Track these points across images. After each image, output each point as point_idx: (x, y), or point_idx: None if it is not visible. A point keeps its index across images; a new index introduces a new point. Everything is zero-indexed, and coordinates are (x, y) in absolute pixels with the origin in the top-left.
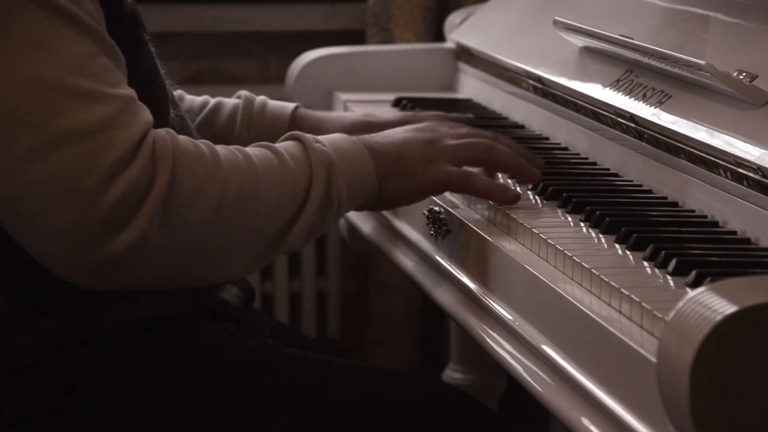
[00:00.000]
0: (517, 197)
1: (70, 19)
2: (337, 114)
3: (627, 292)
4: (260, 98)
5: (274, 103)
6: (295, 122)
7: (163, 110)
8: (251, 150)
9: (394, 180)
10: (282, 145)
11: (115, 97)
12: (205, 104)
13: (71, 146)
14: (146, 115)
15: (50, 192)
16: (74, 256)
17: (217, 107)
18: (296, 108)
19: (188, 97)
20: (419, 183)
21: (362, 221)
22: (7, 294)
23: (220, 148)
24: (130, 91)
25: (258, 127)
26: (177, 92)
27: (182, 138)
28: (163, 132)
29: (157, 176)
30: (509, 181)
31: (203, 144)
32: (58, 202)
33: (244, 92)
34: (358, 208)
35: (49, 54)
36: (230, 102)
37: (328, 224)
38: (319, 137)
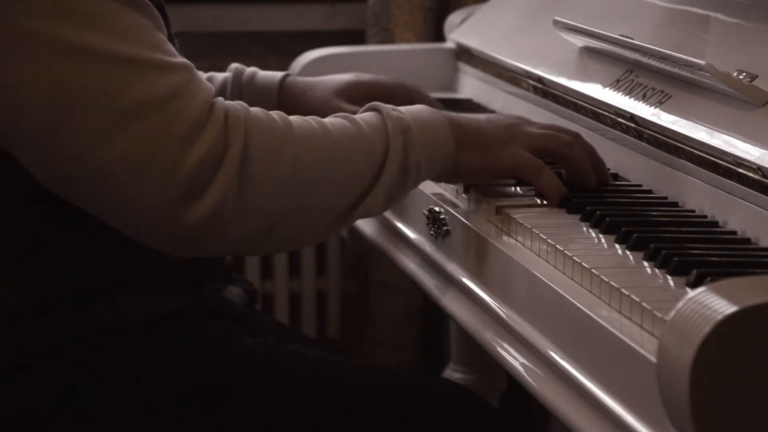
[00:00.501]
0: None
1: None
2: (327, 77)
3: (627, 292)
4: (250, 69)
5: (263, 73)
6: (283, 90)
7: None
8: (327, 119)
9: (471, 153)
10: (359, 115)
11: (178, 66)
12: None
13: (146, 117)
14: (208, 84)
15: (131, 163)
16: (158, 224)
17: (208, 80)
18: (285, 76)
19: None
20: (491, 161)
21: (362, 221)
22: (7, 293)
23: (293, 118)
24: (188, 62)
25: (248, 97)
26: None
27: (254, 108)
28: (234, 103)
29: (230, 144)
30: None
31: (276, 114)
32: (139, 173)
33: (234, 65)
34: (436, 177)
35: (112, 30)
36: (221, 75)
37: (407, 191)
38: (399, 107)
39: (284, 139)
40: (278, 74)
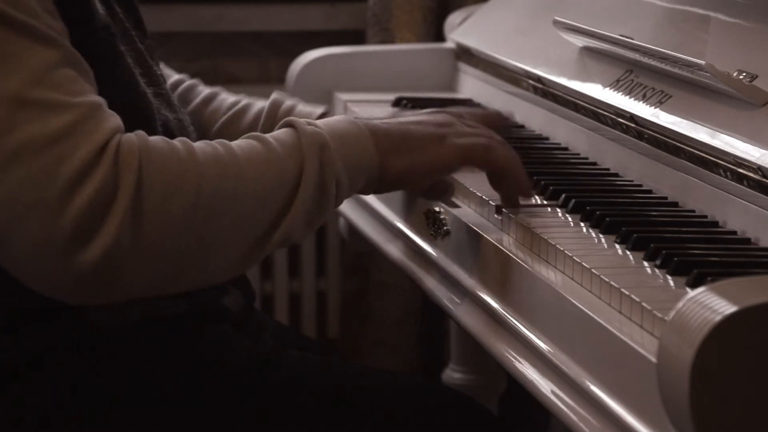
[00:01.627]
0: (531, 189)
1: (29, 31)
2: (366, 111)
3: (627, 292)
4: (289, 102)
5: (301, 108)
6: None
7: (148, 117)
8: (236, 142)
9: (401, 156)
10: (272, 134)
11: (77, 105)
12: (234, 104)
13: (31, 158)
14: (113, 120)
15: (14, 207)
16: (48, 271)
17: (244, 108)
18: (324, 113)
19: (221, 96)
20: (431, 159)
21: (362, 221)
22: (5, 297)
23: (198, 143)
24: (97, 99)
25: None
26: (190, 82)
27: (154, 138)
28: (130, 135)
29: (122, 180)
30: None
31: (179, 141)
32: (24, 217)
33: (275, 94)
34: (362, 191)
35: (7, 67)
36: (258, 104)
37: (329, 210)
38: (316, 120)
39: (184, 169)
40: (316, 111)
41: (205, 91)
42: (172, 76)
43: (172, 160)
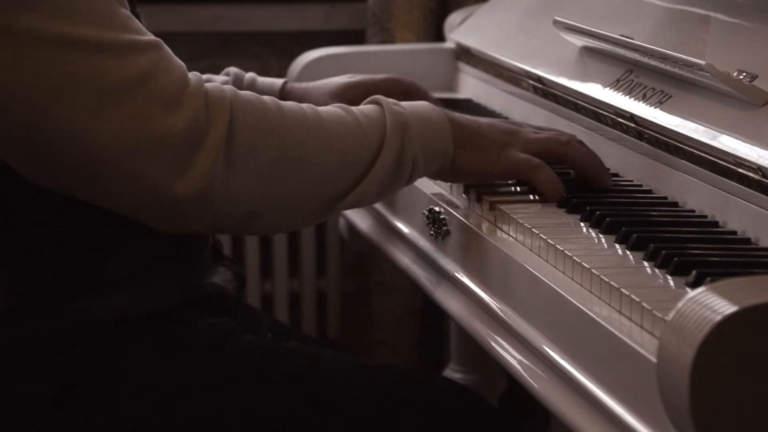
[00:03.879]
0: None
1: None
2: (323, 81)
3: (627, 292)
4: (249, 75)
5: (263, 80)
6: (283, 97)
7: None
8: (323, 108)
9: (469, 153)
10: (359, 108)
11: (148, 45)
12: None
13: (124, 99)
14: (178, 60)
15: (118, 145)
16: (150, 201)
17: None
18: (285, 83)
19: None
20: (490, 164)
21: (362, 220)
22: (1, 292)
23: (286, 103)
24: (157, 38)
25: None
26: None
27: (244, 91)
28: (221, 85)
29: (213, 122)
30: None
31: (268, 98)
32: (128, 153)
33: (232, 69)
34: (433, 175)
35: (81, 16)
36: (219, 79)
37: (401, 185)
38: (401, 102)
39: (272, 122)
40: (278, 81)
41: None
42: None
43: (262, 112)
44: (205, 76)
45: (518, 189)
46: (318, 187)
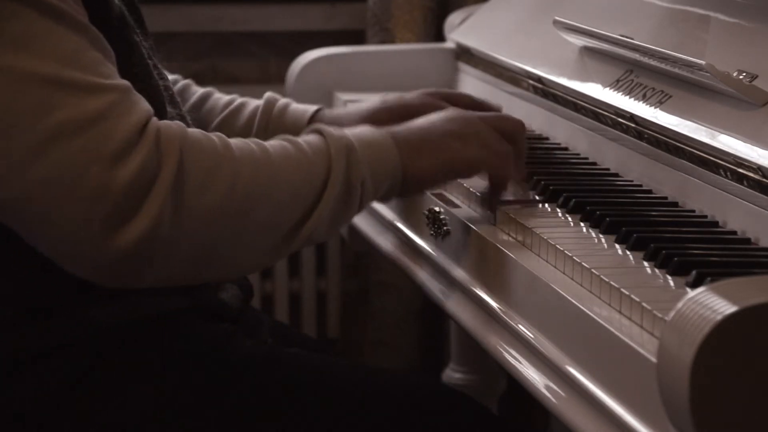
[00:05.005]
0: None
1: (58, 16)
2: (355, 106)
3: (627, 292)
4: (283, 101)
5: (295, 107)
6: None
7: (160, 110)
8: (268, 141)
9: (423, 158)
10: (301, 137)
11: (110, 87)
12: (229, 103)
13: (70, 139)
14: (144, 104)
15: (56, 187)
16: (89, 250)
17: (239, 107)
18: (318, 110)
19: (215, 95)
20: (451, 157)
21: (362, 221)
22: (5, 295)
23: (233, 140)
24: (125, 82)
25: (275, 130)
26: (184, 82)
27: (192, 129)
28: (170, 122)
29: (163, 163)
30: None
31: (215, 135)
32: (66, 197)
33: (269, 94)
34: (385, 196)
35: (40, 50)
36: (253, 103)
37: (353, 213)
38: (341, 128)
39: (221, 161)
40: (310, 109)
41: (199, 91)
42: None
43: (211, 151)
44: (242, 100)
45: (518, 189)
46: (270, 224)
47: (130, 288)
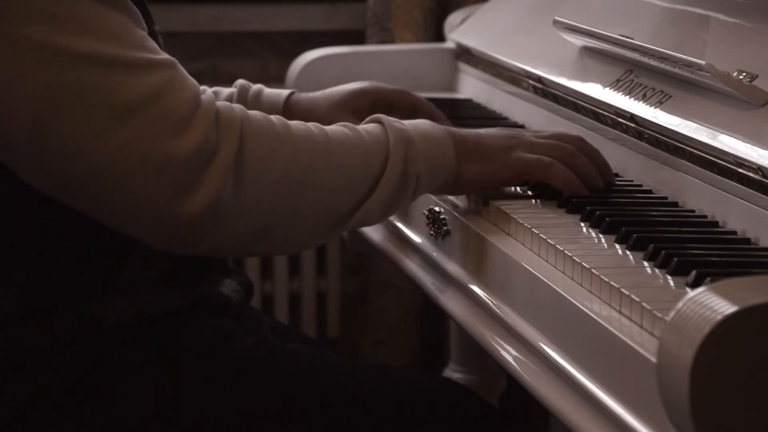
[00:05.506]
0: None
1: None
2: (331, 89)
3: (627, 292)
4: (256, 86)
5: (269, 91)
6: (288, 107)
7: None
8: (328, 127)
9: (474, 162)
10: (361, 125)
11: (161, 63)
12: (202, 92)
13: (135, 117)
14: (192, 79)
15: (125, 163)
16: (154, 219)
17: (214, 95)
18: (291, 94)
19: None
20: (498, 169)
21: None
22: (4, 294)
23: (293, 122)
24: (171, 57)
25: None
26: None
27: (253, 111)
28: (230, 104)
29: (223, 141)
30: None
31: (275, 117)
32: (134, 172)
33: (240, 81)
34: (437, 190)
35: (96, 32)
36: (226, 91)
37: (406, 204)
38: (402, 120)
39: (281, 142)
40: (284, 92)
41: None
42: None
43: (271, 131)
44: (213, 89)
45: (518, 189)
46: (325, 207)
47: (187, 253)
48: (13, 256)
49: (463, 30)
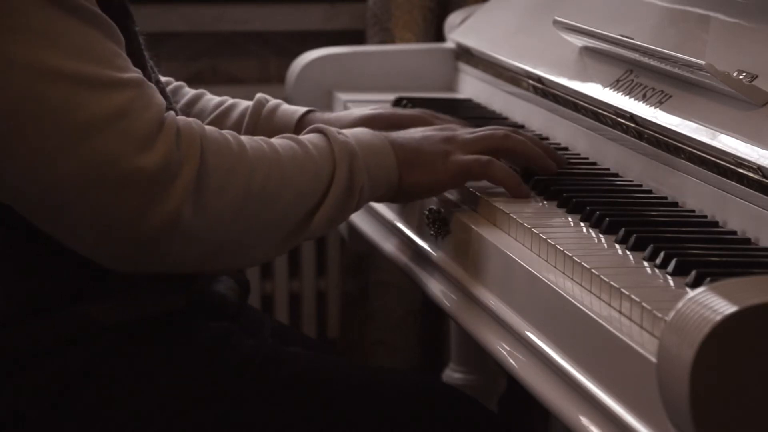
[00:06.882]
0: (528, 194)
1: (74, 9)
2: (345, 112)
3: (627, 292)
4: (273, 102)
5: (285, 108)
6: (301, 126)
7: None
8: (275, 140)
9: (415, 171)
10: (305, 137)
11: (127, 81)
12: (219, 104)
13: (97, 135)
14: (158, 96)
15: (83, 181)
16: (113, 238)
17: (229, 108)
18: (307, 112)
19: (207, 96)
20: (439, 176)
21: (362, 221)
22: (4, 294)
23: (245, 138)
24: (139, 75)
25: (263, 132)
26: (177, 83)
27: (209, 127)
28: (188, 119)
29: (186, 160)
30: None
31: (228, 134)
32: (95, 187)
33: (260, 95)
34: (379, 198)
35: (61, 46)
36: (243, 104)
37: (350, 213)
38: (342, 130)
39: (238, 159)
40: (299, 110)
41: (191, 92)
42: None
43: (228, 152)
44: (233, 101)
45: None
46: (278, 220)
47: (143, 272)
48: (12, 256)
49: (463, 30)
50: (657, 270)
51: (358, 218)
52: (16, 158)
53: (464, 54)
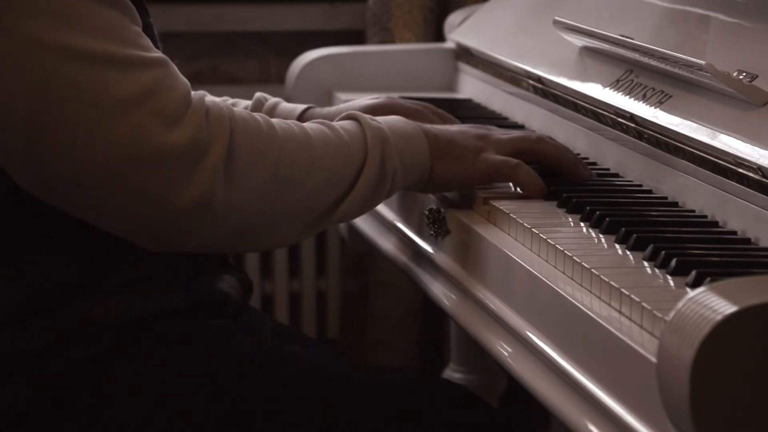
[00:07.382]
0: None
1: None
2: (345, 105)
3: (627, 292)
4: (272, 100)
5: (284, 106)
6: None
7: None
8: (308, 125)
9: (446, 163)
10: (338, 123)
11: (154, 61)
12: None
13: (127, 114)
14: (183, 77)
15: (117, 158)
16: (145, 216)
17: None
18: (306, 109)
19: (207, 97)
20: (468, 171)
21: (362, 221)
22: (5, 293)
23: (275, 121)
24: (163, 55)
25: None
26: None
27: (238, 109)
28: (218, 101)
29: (215, 138)
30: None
31: (259, 116)
32: (126, 167)
33: (259, 94)
34: (410, 187)
35: (89, 28)
36: (243, 103)
37: (382, 199)
38: (376, 117)
39: (267, 140)
40: (299, 108)
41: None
42: None
43: (257, 131)
44: (233, 100)
45: (518, 189)
46: (307, 204)
47: (173, 251)
48: (12, 255)
49: (463, 30)
50: (657, 270)
51: (358, 218)
52: (50, 141)
53: (464, 54)
